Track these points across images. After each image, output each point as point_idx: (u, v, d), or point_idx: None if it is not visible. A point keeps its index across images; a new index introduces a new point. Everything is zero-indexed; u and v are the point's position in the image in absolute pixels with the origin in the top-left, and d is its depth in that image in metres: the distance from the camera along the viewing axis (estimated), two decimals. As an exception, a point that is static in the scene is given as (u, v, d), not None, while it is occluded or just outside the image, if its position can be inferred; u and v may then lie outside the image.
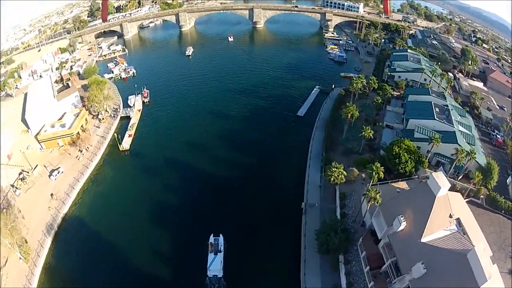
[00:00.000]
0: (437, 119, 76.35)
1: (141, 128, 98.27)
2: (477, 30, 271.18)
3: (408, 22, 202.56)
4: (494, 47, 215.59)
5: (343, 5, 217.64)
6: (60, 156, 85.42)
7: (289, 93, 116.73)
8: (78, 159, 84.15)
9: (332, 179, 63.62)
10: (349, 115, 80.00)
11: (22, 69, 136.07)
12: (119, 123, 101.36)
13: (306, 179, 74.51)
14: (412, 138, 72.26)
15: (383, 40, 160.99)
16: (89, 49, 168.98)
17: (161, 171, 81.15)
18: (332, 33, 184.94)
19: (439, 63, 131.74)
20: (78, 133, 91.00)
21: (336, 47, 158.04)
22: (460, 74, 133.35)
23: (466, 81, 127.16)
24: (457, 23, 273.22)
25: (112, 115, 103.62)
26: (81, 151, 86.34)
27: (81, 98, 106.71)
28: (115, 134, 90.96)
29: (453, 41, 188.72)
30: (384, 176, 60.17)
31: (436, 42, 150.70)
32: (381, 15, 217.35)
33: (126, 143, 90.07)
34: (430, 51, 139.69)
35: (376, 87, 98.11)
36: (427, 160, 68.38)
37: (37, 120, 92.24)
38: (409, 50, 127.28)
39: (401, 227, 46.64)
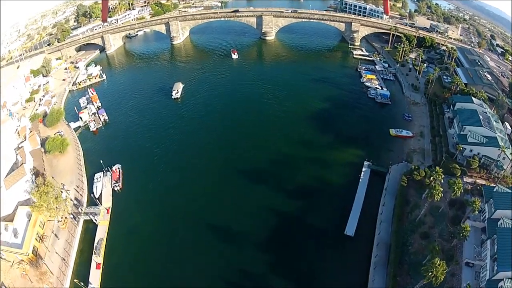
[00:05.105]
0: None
1: (113, 250, 62.86)
2: (494, 33, 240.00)
3: (440, 32, 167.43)
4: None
5: (365, 9, 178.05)
6: (21, 280, 60.98)
7: (328, 179, 76.10)
8: (40, 296, 56.06)
9: None
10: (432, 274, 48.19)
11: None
12: (83, 229, 68.30)
13: None
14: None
15: (426, 67, 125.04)
16: (65, 69, 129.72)
17: None
18: (361, 50, 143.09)
19: (495, 108, 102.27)
20: (34, 246, 64.38)
21: (374, 76, 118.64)
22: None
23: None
24: (473, 24, 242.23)
25: (74, 216, 69.90)
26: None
27: (37, 174, 74.52)
28: (76, 281, 57.28)
29: (488, 59, 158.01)
30: None
31: (490, 77, 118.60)
32: (406, 21, 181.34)
33: (95, 285, 57.52)
34: (487, 92, 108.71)
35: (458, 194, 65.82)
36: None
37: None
38: (475, 100, 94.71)
39: None
